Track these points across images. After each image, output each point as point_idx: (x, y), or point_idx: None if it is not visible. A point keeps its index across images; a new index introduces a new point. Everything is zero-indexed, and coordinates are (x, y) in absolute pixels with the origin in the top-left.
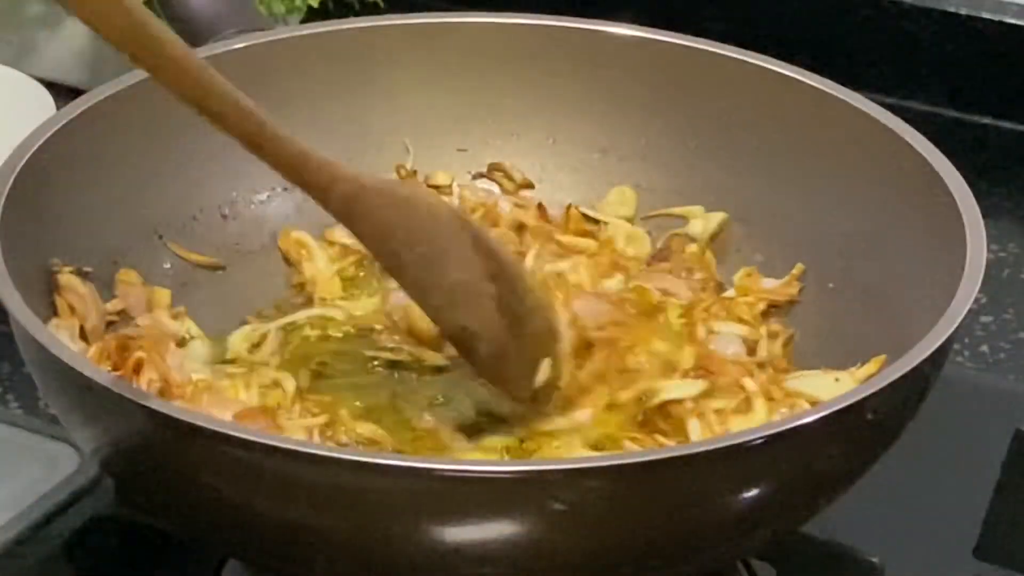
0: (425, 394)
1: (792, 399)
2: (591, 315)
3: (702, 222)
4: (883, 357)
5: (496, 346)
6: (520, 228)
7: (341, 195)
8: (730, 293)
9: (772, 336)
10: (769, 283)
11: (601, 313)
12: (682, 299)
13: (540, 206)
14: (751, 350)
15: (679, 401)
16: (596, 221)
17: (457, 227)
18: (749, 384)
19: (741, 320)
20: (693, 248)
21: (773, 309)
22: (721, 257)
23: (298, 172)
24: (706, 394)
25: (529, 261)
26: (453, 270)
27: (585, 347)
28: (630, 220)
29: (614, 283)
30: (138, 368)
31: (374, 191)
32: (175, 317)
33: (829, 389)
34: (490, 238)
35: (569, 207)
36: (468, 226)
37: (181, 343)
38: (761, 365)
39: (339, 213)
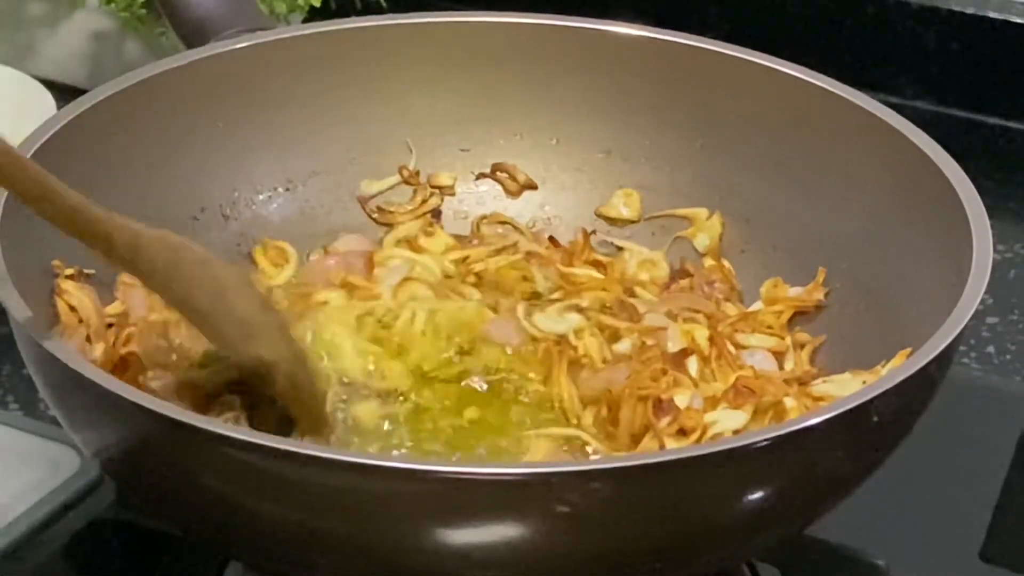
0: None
1: (821, 403)
2: (613, 383)
3: (706, 234)
4: (908, 350)
5: (291, 373)
6: (529, 256)
7: (124, 242)
8: (756, 305)
9: (799, 346)
10: (795, 291)
11: (616, 382)
12: (707, 314)
13: (551, 239)
14: (778, 363)
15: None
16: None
17: (227, 267)
18: (790, 403)
19: (769, 331)
20: (710, 262)
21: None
22: (729, 260)
23: (75, 223)
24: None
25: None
26: (240, 303)
27: (617, 407)
28: (635, 222)
29: (624, 346)
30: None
31: (151, 236)
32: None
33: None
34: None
35: (584, 234)
36: (234, 266)
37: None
38: (788, 381)
39: (124, 260)
